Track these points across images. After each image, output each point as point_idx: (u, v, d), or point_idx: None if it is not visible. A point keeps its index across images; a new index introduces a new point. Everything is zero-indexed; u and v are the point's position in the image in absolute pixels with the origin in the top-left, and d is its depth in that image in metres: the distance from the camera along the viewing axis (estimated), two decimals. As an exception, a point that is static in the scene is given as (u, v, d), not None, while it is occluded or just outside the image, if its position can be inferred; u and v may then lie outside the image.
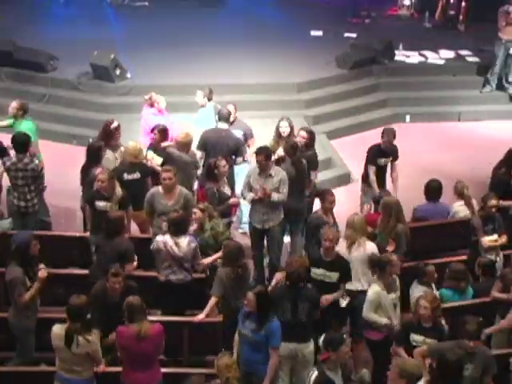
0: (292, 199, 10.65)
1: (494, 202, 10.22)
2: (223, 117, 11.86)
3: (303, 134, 11.54)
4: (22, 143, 10.80)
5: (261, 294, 8.13)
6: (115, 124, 11.51)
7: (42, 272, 8.66)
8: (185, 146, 11.22)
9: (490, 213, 10.23)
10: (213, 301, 8.99)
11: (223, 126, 11.83)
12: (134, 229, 11.01)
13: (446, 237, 10.40)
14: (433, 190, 10.82)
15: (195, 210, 9.89)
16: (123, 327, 7.89)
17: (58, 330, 7.82)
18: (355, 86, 16.47)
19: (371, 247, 9.47)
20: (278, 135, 11.69)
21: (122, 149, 11.38)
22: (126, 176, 10.83)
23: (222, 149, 11.47)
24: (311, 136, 11.58)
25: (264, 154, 10.46)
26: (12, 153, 10.89)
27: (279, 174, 10.52)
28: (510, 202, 10.99)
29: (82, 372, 7.81)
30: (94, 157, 11.03)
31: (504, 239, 10.21)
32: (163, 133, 11.65)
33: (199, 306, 9.30)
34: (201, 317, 8.92)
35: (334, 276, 9.04)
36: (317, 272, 9.04)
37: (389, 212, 9.90)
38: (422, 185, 11.07)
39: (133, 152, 10.94)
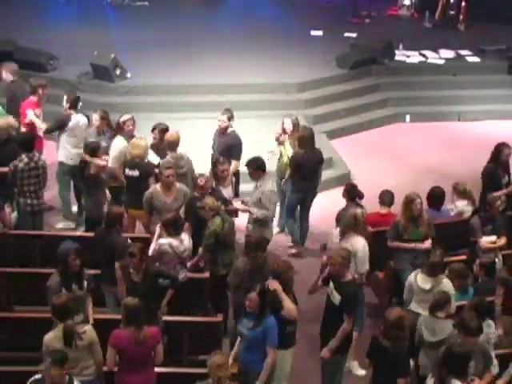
0: None
1: (499, 203, 10.18)
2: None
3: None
4: (28, 142, 10.80)
5: (261, 292, 8.08)
6: (124, 118, 11.53)
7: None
8: (173, 145, 11.07)
9: (491, 214, 10.15)
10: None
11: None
12: (140, 229, 10.97)
13: (446, 237, 10.38)
14: (436, 197, 10.69)
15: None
16: (119, 330, 7.78)
17: (54, 333, 7.69)
18: (355, 86, 16.47)
19: (359, 244, 9.19)
20: (283, 131, 11.82)
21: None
22: (127, 171, 10.81)
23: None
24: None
25: (251, 164, 10.50)
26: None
27: (263, 189, 10.37)
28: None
29: (90, 367, 7.75)
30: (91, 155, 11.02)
31: (503, 241, 10.07)
32: (163, 132, 11.59)
33: (199, 306, 9.31)
34: None
35: (336, 298, 8.42)
36: (330, 286, 8.66)
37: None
38: (421, 185, 11.09)
39: (132, 147, 10.89)
